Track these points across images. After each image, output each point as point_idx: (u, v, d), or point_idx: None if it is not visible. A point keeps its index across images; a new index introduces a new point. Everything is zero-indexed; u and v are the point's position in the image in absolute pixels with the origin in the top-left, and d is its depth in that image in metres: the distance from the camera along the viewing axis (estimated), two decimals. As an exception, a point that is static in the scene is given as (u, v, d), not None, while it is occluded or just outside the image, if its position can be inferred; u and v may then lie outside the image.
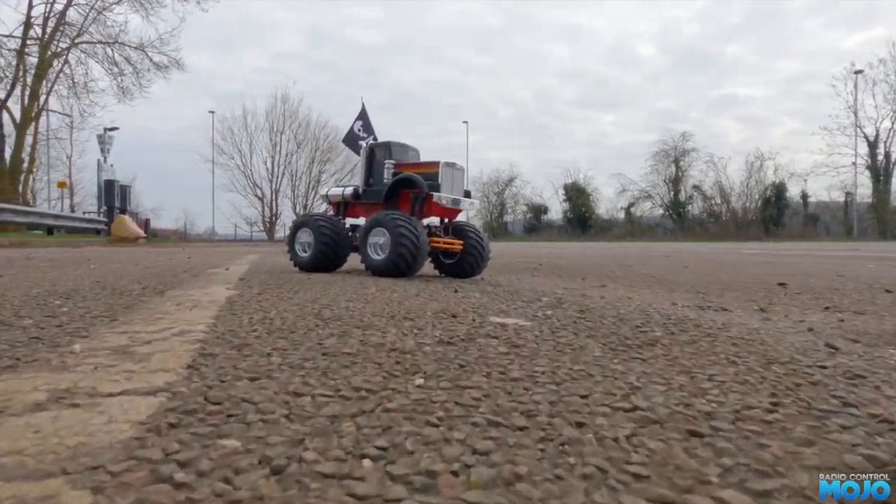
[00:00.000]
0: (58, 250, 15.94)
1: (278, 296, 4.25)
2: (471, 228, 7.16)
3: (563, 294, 5.04)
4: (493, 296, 4.69)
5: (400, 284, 5.50)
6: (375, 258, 6.40)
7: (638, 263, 10.74)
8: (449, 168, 6.77)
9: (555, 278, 7.57)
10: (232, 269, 7.23)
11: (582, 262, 11.17)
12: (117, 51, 34.98)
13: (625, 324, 3.11)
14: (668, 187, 58.65)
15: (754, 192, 54.97)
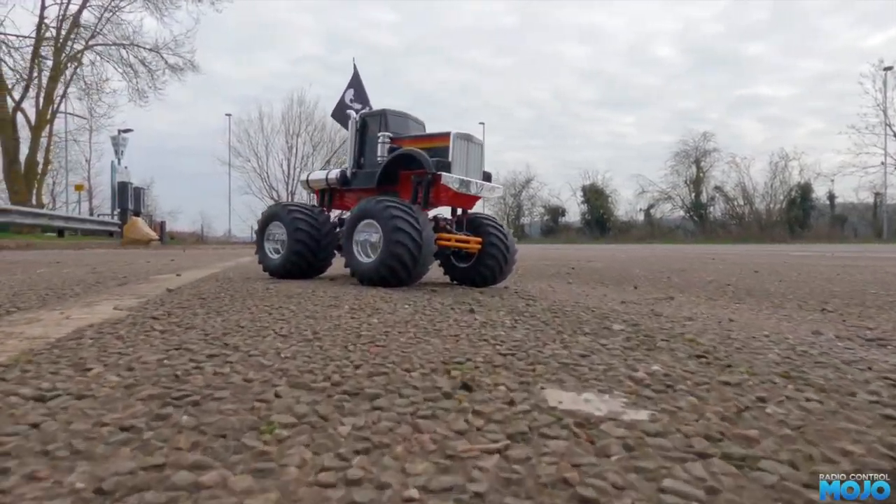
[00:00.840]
0: (50, 252, 14.48)
1: (168, 327, 2.51)
2: (492, 222, 5.39)
3: (633, 315, 3.27)
4: (532, 322, 2.96)
5: (390, 299, 3.76)
6: (363, 261, 4.67)
7: (689, 267, 8.85)
8: (463, 141, 5.00)
9: (598, 287, 5.77)
10: (185, 276, 5.55)
11: (619, 265, 9.33)
12: (132, 52, 33.79)
13: (832, 395, 1.35)
14: (688, 188, 56.26)
15: (779, 193, 52.38)
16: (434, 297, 4.03)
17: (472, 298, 4.10)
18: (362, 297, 3.74)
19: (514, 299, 4.20)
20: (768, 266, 9.13)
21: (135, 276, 5.48)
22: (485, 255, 5.30)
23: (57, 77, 33.11)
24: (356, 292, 4.06)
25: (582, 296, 4.88)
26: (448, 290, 4.81)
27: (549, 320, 3.02)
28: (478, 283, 5.38)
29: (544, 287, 5.79)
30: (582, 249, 22.11)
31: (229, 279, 5.14)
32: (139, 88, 34.34)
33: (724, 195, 54.98)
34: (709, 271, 7.83)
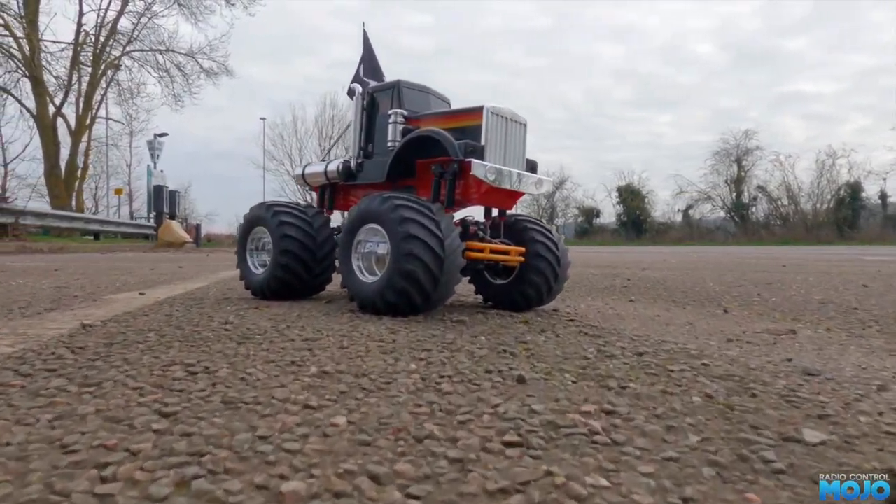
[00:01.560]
0: (72, 256, 13.65)
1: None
2: (537, 226, 4.05)
3: (783, 378, 1.83)
4: (629, 402, 1.57)
5: (392, 346, 2.50)
6: (364, 281, 3.39)
7: (773, 280, 7.30)
8: (500, 119, 3.68)
9: (673, 308, 4.39)
10: (151, 294, 4.34)
11: (683, 275, 7.83)
12: (167, 58, 33.48)
13: None
14: (729, 188, 53.30)
15: (826, 193, 49.06)
16: (460, 337, 2.70)
17: (516, 338, 2.76)
18: (350, 343, 2.44)
19: (575, 337, 2.86)
20: (864, 275, 7.50)
21: (92, 294, 4.31)
22: (529, 269, 3.96)
23: (95, 83, 33.01)
24: (346, 330, 2.76)
25: (662, 325, 3.51)
26: (480, 318, 3.48)
27: (656, 397, 1.68)
28: (519, 306, 4.04)
29: (604, 309, 4.40)
30: (622, 253, 20.46)
31: (198, 300, 3.91)
32: (175, 93, 34.03)
33: (768, 195, 52.00)
34: (801, 284, 6.30)
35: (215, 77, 33.74)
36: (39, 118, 30.40)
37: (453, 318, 3.34)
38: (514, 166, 3.78)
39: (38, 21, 29.21)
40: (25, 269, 7.95)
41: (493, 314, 3.78)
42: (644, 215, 56.11)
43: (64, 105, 32.13)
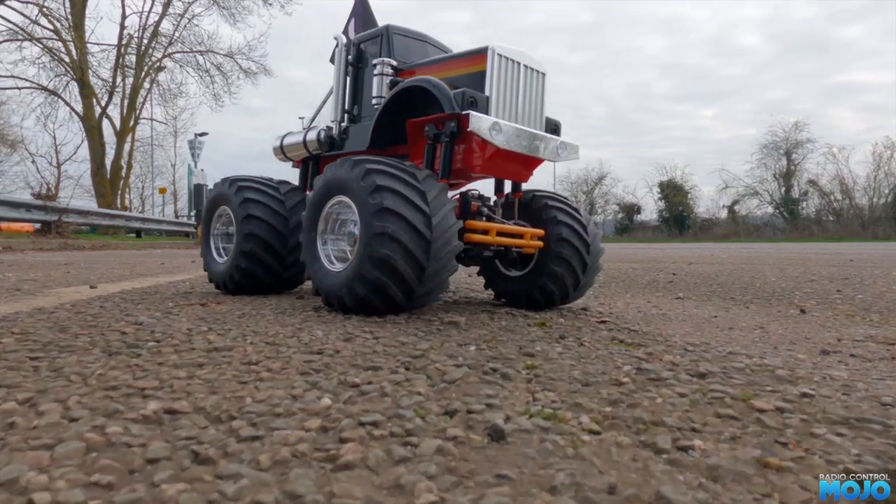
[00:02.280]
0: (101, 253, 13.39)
1: None
2: (562, 204, 3.20)
3: None
4: None
5: (341, 349, 1.68)
6: (331, 270, 2.59)
7: (849, 274, 6.20)
8: (510, 65, 2.85)
9: (732, 306, 3.48)
10: (103, 288, 3.66)
11: (737, 269, 6.79)
12: (207, 58, 33.68)
13: None
14: (777, 183, 50.45)
15: (883, 186, 45.78)
16: (438, 348, 1.89)
17: (521, 348, 1.94)
18: (267, 357, 1.66)
19: (605, 347, 2.01)
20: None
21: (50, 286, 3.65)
22: (550, 257, 3.11)
23: (139, 85, 33.47)
24: (283, 335, 1.98)
25: (723, 329, 2.62)
26: (482, 319, 2.65)
27: (750, 477, 0.81)
28: (538, 304, 3.20)
29: (646, 308, 3.51)
30: (666, 249, 19.17)
31: (145, 296, 3.21)
32: (215, 93, 34.21)
33: (819, 189, 49.01)
34: (885, 279, 5.21)
35: (254, 77, 33.72)
36: (86, 119, 30.93)
37: (446, 319, 2.53)
38: (529, 125, 2.94)
39: (84, 25, 29.68)
40: (38, 262, 7.50)
41: (504, 313, 2.95)
42: (687, 211, 53.89)
43: (109, 106, 32.66)
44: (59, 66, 30.33)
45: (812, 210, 49.56)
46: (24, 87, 30.49)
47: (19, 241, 17.93)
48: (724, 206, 54.19)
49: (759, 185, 51.38)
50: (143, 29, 32.74)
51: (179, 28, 32.97)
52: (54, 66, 30.21)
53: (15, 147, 39.93)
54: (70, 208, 23.84)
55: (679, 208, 53.81)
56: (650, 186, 57.10)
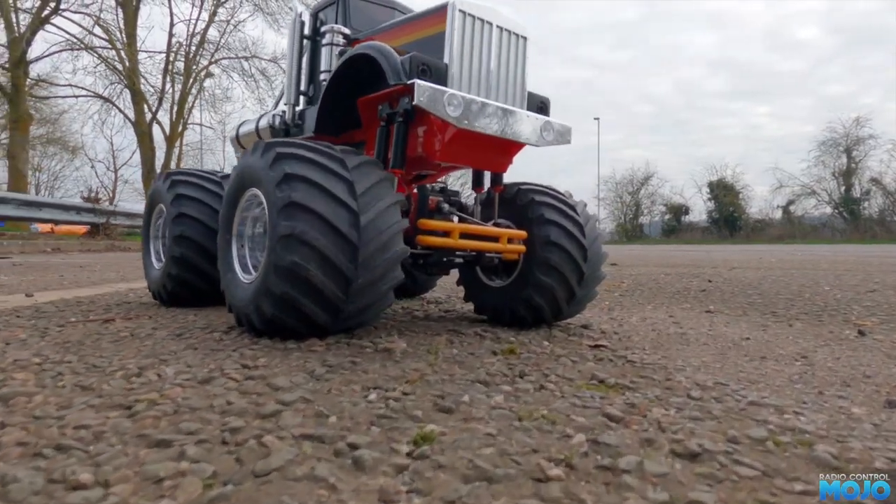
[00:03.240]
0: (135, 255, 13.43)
1: None
2: (551, 199, 2.59)
3: None
4: None
5: (180, 398, 1.13)
6: (243, 282, 2.06)
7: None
8: (476, 25, 2.26)
9: (772, 323, 2.76)
10: (38, 297, 3.25)
11: (783, 276, 5.94)
12: (252, 64, 34.19)
13: None
14: (837, 181, 47.42)
15: (955, 185, 42.58)
16: (324, 412, 1.33)
17: (445, 410, 1.34)
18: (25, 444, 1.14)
19: (571, 400, 1.39)
20: None
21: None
22: (536, 264, 2.52)
23: (187, 91, 34.27)
24: (118, 390, 1.46)
25: (753, 359, 1.97)
26: (436, 345, 2.07)
27: None
28: (525, 320, 2.60)
29: (664, 325, 2.85)
30: (712, 251, 17.98)
31: (69, 306, 2.77)
32: (260, 97, 34.71)
33: (883, 188, 45.68)
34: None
35: (295, 80, 33.99)
36: (137, 125, 31.81)
37: (382, 344, 1.96)
38: (503, 100, 2.35)
39: (136, 35, 30.50)
40: (57, 264, 7.36)
41: (472, 334, 2.37)
42: (738, 212, 51.46)
43: (158, 112, 33.54)
44: (114, 74, 31.31)
45: (875, 210, 46.35)
46: (81, 95, 31.62)
47: (69, 242, 18.38)
48: (778, 207, 51.41)
49: (816, 184, 48.46)
50: (190, 37, 33.50)
51: (225, 35, 33.59)
52: (109, 74, 31.20)
53: (76, 153, 41.65)
54: (117, 210, 24.43)
55: (730, 209, 51.41)
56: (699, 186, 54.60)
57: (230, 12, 32.73)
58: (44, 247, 16.09)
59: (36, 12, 23.90)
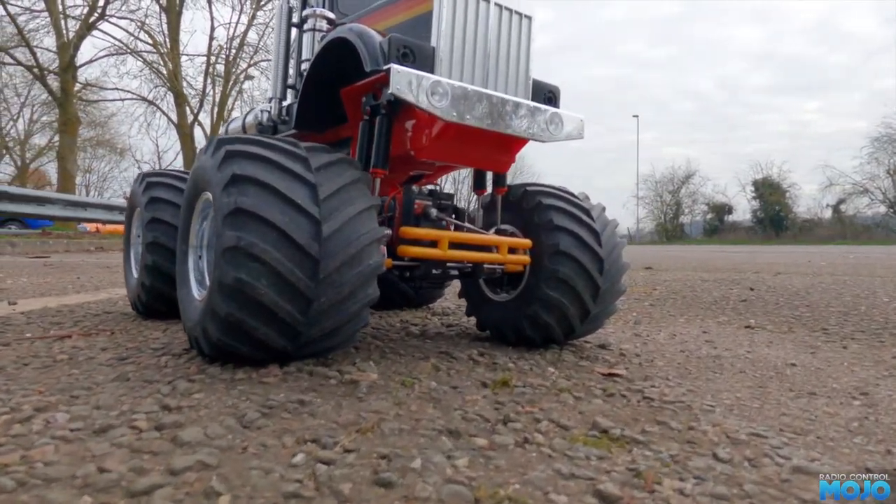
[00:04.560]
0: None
1: None
2: (562, 202, 2.26)
3: None
4: None
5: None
6: (195, 297, 1.79)
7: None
8: (470, 1, 1.92)
9: (828, 345, 2.32)
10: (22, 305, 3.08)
11: (834, 284, 5.38)
12: (290, 66, 34.61)
13: None
14: (892, 179, 44.94)
15: None
16: (195, 492, 1.04)
17: (383, 484, 1.03)
18: None
19: (556, 467, 1.04)
20: None
21: None
22: (544, 277, 2.19)
23: (227, 93, 34.90)
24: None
25: (800, 395, 1.58)
26: (416, 372, 1.77)
27: None
28: (532, 340, 2.28)
29: (696, 343, 2.47)
30: (756, 253, 17.10)
31: (41, 317, 2.57)
32: (296, 99, 35.16)
33: (943, 186, 43.14)
34: None
35: (332, 82, 34.24)
36: (180, 127, 32.52)
37: (348, 374, 1.67)
38: (501, 89, 2.02)
39: (179, 39, 31.16)
40: (77, 265, 7.37)
41: (466, 358, 2.05)
42: (785, 211, 49.38)
43: (200, 114, 34.23)
44: (157, 77, 32.09)
45: (935, 209, 43.64)
46: (127, 98, 32.53)
47: (112, 241, 18.83)
48: (827, 206, 49.06)
49: (869, 182, 45.93)
50: (230, 40, 34.09)
51: (264, 37, 34.04)
52: (153, 77, 32.00)
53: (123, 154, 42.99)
54: (159, 210, 24.88)
55: (776, 208, 49.37)
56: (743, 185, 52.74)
57: (269, 15, 33.14)
58: (88, 246, 16.50)
59: (84, 18, 24.62)
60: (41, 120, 35.55)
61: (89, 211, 20.01)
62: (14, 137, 36.01)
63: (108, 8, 25.37)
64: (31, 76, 26.02)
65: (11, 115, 35.18)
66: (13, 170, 36.21)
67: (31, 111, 36.73)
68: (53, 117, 32.32)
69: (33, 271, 6.16)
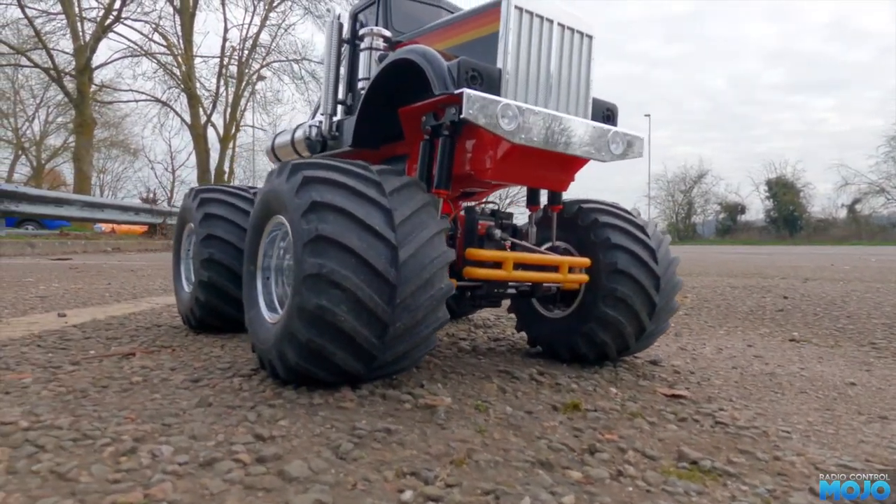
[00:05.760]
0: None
1: None
2: (619, 220, 2.26)
3: None
4: None
5: None
6: (267, 321, 1.80)
7: None
8: (534, 23, 1.95)
9: (881, 360, 2.31)
10: (71, 315, 3.12)
11: (859, 289, 5.33)
12: (302, 66, 34.67)
13: None
14: (909, 179, 44.47)
15: None
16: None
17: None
18: None
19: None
20: None
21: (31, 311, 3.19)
22: (601, 295, 2.19)
23: (239, 94, 35.03)
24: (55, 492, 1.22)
25: (874, 420, 1.64)
26: (485, 395, 1.77)
27: None
28: (586, 356, 2.28)
29: (745, 359, 2.46)
30: (774, 254, 16.96)
31: (95, 331, 2.60)
32: (309, 99, 35.20)
33: (961, 185, 42.56)
34: None
35: (343, 82, 34.27)
36: (193, 128, 32.70)
37: (422, 399, 1.68)
38: (565, 109, 2.03)
39: (192, 40, 31.30)
40: (102, 267, 7.44)
41: (527, 377, 2.05)
42: (799, 211, 48.95)
43: (213, 115, 34.41)
44: (171, 78, 32.30)
45: (953, 209, 43.07)
46: (141, 99, 32.76)
47: (128, 242, 18.99)
48: (842, 206, 48.55)
49: (885, 181, 45.36)
50: (243, 41, 34.23)
51: (276, 38, 34.15)
52: (167, 78, 32.21)
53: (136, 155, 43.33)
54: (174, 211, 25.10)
55: (790, 208, 48.95)
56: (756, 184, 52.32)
57: (281, 16, 33.22)
58: (104, 247, 16.64)
59: (100, 21, 24.79)
60: (56, 121, 35.83)
61: (105, 212, 20.21)
62: (30, 138, 36.41)
63: (123, 10, 25.55)
64: (48, 78, 26.23)
65: (27, 117, 35.56)
66: (29, 170, 36.60)
67: (46, 112, 37.03)
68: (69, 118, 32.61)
69: (62, 275, 6.22)
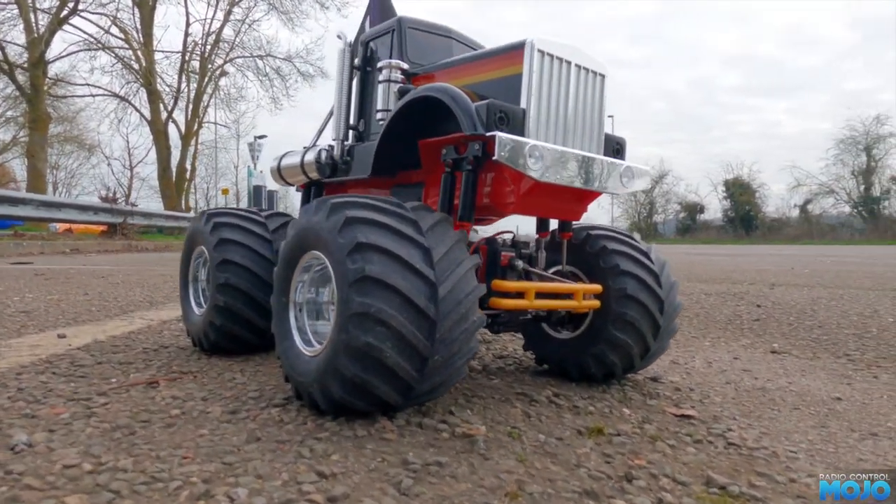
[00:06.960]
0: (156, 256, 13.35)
1: None
2: (626, 247, 2.39)
3: None
4: None
5: None
6: (304, 354, 1.86)
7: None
8: (556, 65, 2.06)
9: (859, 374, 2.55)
10: (71, 335, 3.07)
11: (824, 295, 5.65)
12: (267, 63, 34.06)
13: None
14: (856, 180, 46.51)
15: (977, 184, 41.64)
16: None
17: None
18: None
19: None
20: None
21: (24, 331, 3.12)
22: (611, 319, 2.31)
23: (202, 90, 34.21)
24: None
25: (866, 437, 1.80)
26: (513, 422, 1.87)
27: None
28: (594, 375, 2.41)
29: (736, 372, 2.63)
30: (735, 255, 17.61)
31: (106, 354, 2.58)
32: (274, 96, 34.63)
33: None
34: None
35: (311, 79, 33.85)
36: (153, 124, 31.78)
37: (459, 428, 1.76)
38: (582, 146, 2.14)
39: (152, 34, 30.37)
40: (73, 274, 7.23)
41: (545, 400, 2.16)
42: (755, 211, 50.76)
43: (174, 111, 33.51)
44: (130, 73, 31.30)
45: (895, 209, 45.44)
46: (98, 94, 31.66)
47: (87, 242, 18.37)
48: (795, 206, 50.69)
49: (834, 182, 47.64)
50: (206, 36, 33.41)
51: (240, 34, 33.45)
52: (125, 73, 31.20)
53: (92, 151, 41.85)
54: (135, 210, 24.43)
55: (746, 207, 50.74)
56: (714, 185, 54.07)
57: (245, 11, 32.57)
58: (63, 247, 16.06)
59: (55, 13, 23.84)
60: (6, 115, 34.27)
61: (63, 211, 19.51)
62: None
63: (79, 2, 24.61)
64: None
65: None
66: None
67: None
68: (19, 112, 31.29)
69: (30, 283, 6.03)
